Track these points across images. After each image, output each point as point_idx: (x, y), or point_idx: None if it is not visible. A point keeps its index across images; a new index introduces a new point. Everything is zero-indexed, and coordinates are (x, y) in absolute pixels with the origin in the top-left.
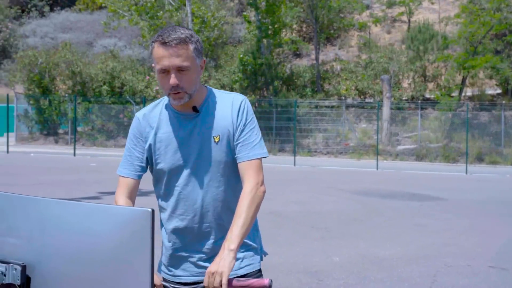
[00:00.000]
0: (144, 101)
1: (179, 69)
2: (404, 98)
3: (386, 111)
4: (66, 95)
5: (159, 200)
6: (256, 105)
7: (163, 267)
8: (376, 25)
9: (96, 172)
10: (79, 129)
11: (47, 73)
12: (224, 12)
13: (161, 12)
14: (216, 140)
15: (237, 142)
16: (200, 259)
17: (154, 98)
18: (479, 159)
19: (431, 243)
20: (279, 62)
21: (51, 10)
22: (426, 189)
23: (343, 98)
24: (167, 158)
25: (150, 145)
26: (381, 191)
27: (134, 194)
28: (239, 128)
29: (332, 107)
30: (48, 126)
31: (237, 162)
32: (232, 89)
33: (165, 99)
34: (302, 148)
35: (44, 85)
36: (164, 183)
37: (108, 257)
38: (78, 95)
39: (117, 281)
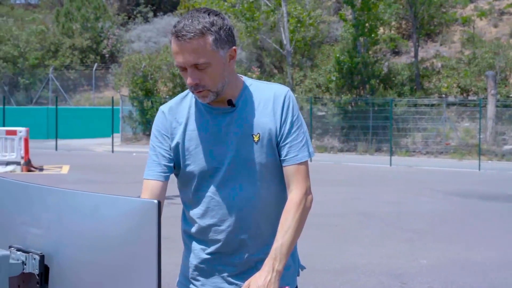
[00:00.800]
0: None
1: (196, 67)
2: (511, 95)
3: (491, 109)
4: (167, 96)
5: (186, 206)
6: (353, 104)
7: (184, 281)
8: (481, 19)
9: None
10: None
11: (150, 76)
12: (320, 11)
13: (257, 13)
14: (256, 139)
15: (284, 143)
16: (230, 274)
17: None
18: None
19: None
20: (376, 60)
21: (155, 15)
22: None
23: (444, 96)
24: (197, 159)
25: (177, 143)
26: (481, 192)
27: (162, 198)
28: (285, 126)
29: (432, 105)
30: (150, 126)
31: (283, 165)
32: (327, 89)
33: None
34: (400, 148)
35: (147, 87)
36: (193, 187)
37: (116, 246)
38: None
39: (126, 269)
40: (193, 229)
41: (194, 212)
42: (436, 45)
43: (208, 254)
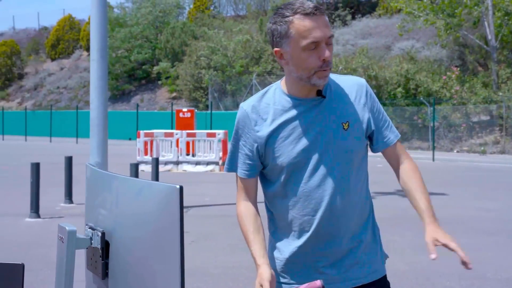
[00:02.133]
0: (433, 102)
1: (328, 42)
2: None
3: None
4: None
5: (273, 199)
6: None
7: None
8: None
9: (382, 173)
10: None
11: None
12: None
13: (459, 8)
14: (345, 127)
15: (380, 128)
16: (323, 265)
17: (450, 98)
18: None
19: None
20: None
21: (353, 18)
22: None
23: None
24: (287, 152)
25: (265, 139)
26: None
27: (255, 195)
28: (374, 113)
29: None
30: None
31: (385, 146)
32: None
33: (275, 86)
34: None
35: None
36: (283, 179)
37: (152, 225)
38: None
39: (160, 244)
40: (282, 222)
41: (284, 204)
42: None
43: (299, 246)
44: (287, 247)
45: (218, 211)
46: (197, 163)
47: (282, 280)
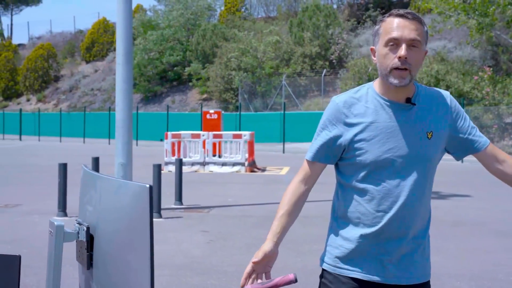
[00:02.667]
0: (462, 104)
1: (411, 44)
2: None
3: None
4: None
5: (349, 191)
6: None
7: (332, 261)
8: None
9: None
10: None
11: (374, 79)
12: None
13: (491, 8)
14: (429, 136)
15: (469, 135)
16: (388, 260)
17: (482, 99)
18: None
19: None
20: None
21: None
22: None
23: None
24: (373, 150)
25: (353, 134)
26: None
27: (313, 182)
28: (462, 122)
29: None
30: None
31: (479, 150)
32: None
33: (368, 86)
34: None
35: None
36: (363, 175)
37: (127, 221)
38: None
39: (132, 239)
40: (352, 213)
41: (360, 197)
42: None
43: (367, 238)
44: (355, 237)
45: (239, 211)
46: (223, 164)
47: (343, 266)
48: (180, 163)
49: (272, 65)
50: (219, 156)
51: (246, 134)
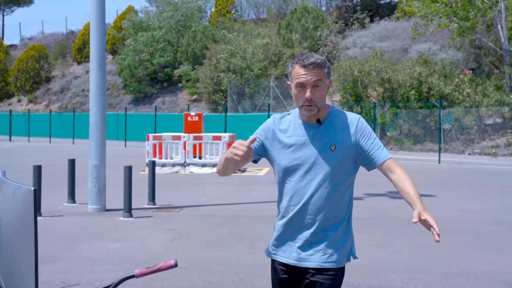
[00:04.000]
0: (440, 105)
1: (315, 85)
2: None
3: None
4: (376, 101)
5: (280, 191)
6: None
7: (270, 249)
8: None
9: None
10: (388, 134)
11: (360, 81)
12: None
13: (471, 12)
14: (332, 148)
15: (368, 151)
16: (299, 246)
17: (463, 101)
18: None
19: None
20: None
21: (371, 21)
22: None
23: None
24: (288, 156)
25: (279, 143)
26: None
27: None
28: (362, 141)
29: None
30: None
31: (377, 164)
32: None
33: (294, 111)
34: None
35: (357, 93)
36: (281, 176)
37: (17, 221)
38: (387, 101)
39: (21, 234)
40: (279, 207)
41: (281, 193)
42: None
43: (283, 227)
44: (278, 226)
45: (208, 211)
46: (203, 165)
47: (274, 252)
48: (153, 165)
49: (261, 66)
50: (200, 158)
51: (225, 136)
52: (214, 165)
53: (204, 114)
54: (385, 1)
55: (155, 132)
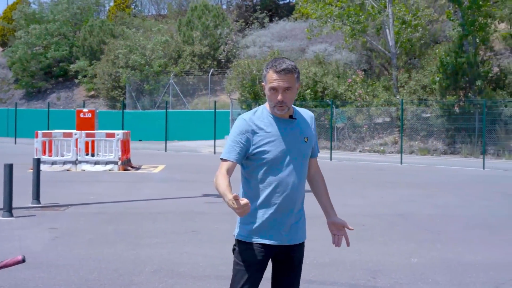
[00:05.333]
0: (331, 105)
1: (286, 89)
2: None
3: None
4: None
5: (254, 181)
6: (458, 105)
7: (246, 233)
8: None
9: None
10: None
11: (258, 80)
12: (431, 10)
13: (362, 15)
14: (306, 140)
15: (313, 144)
16: (283, 229)
17: (355, 101)
18: None
19: None
20: (484, 60)
21: (270, 21)
22: None
23: None
24: (272, 150)
25: (260, 139)
26: None
27: (231, 175)
28: (314, 135)
29: None
30: None
31: (313, 157)
32: (432, 90)
33: (261, 108)
34: (509, 151)
35: (255, 91)
36: (265, 169)
37: None
38: None
39: None
40: (258, 198)
41: (264, 185)
42: None
43: (271, 213)
44: (263, 214)
45: (96, 209)
46: (96, 162)
47: (254, 236)
48: (37, 162)
49: (161, 63)
50: (92, 155)
51: (119, 133)
52: (107, 163)
53: (97, 111)
54: (284, 2)
55: (48, 129)
